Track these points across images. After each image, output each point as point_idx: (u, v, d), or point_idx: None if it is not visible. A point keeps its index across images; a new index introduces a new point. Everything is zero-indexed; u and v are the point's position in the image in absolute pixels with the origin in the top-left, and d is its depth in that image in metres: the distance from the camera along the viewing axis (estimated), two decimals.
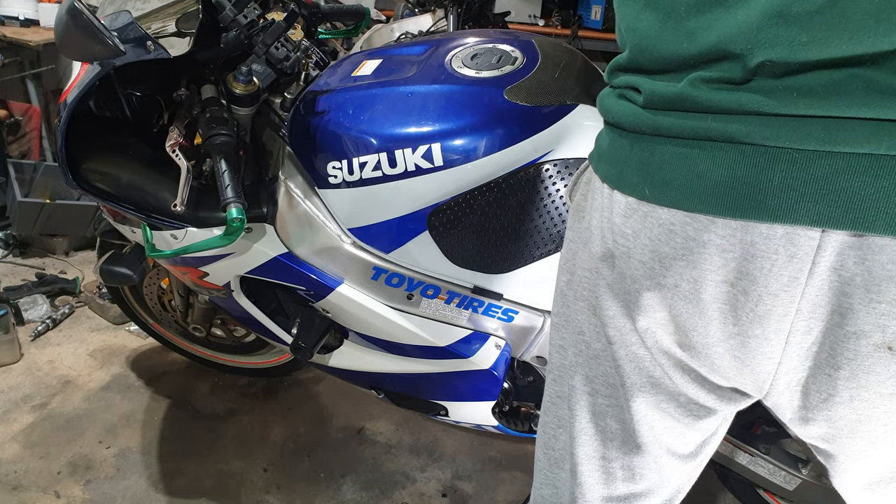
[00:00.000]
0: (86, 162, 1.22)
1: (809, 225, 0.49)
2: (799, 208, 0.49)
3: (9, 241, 2.58)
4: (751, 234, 0.51)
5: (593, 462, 0.75)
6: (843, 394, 0.55)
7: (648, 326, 0.62)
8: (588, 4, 3.77)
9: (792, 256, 0.51)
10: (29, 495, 1.54)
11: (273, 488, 1.62)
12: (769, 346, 0.56)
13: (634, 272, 0.60)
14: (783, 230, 0.50)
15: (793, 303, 0.52)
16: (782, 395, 0.59)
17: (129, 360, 2.04)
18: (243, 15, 1.06)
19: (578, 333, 0.71)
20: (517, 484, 1.69)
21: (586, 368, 0.71)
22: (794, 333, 0.54)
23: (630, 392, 0.68)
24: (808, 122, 0.48)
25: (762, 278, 0.52)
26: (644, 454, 0.71)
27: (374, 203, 1.13)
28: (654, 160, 0.56)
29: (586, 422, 0.73)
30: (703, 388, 0.65)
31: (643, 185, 0.57)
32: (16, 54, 2.69)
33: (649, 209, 0.57)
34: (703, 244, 0.54)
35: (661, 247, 0.57)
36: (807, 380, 0.56)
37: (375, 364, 1.36)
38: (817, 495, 1.27)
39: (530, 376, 1.35)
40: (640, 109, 0.57)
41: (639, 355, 0.65)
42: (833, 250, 0.49)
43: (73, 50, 0.99)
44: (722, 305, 0.56)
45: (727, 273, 0.54)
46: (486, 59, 1.14)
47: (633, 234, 0.59)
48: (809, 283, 0.51)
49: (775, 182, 0.49)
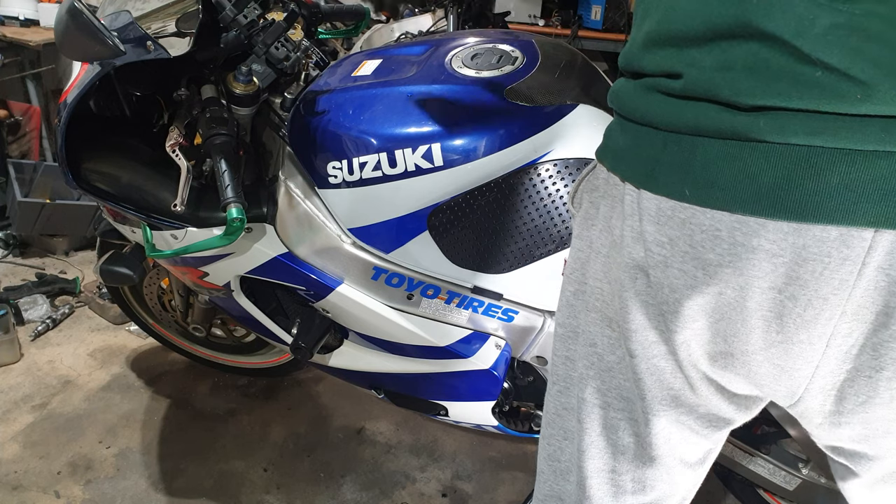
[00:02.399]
0: (86, 162, 1.22)
1: (865, 226, 0.48)
2: (857, 209, 0.48)
3: (9, 241, 2.58)
4: (803, 237, 0.50)
5: (602, 475, 0.73)
6: (884, 395, 0.54)
7: (686, 339, 0.60)
8: (588, 4, 3.77)
9: (845, 259, 0.50)
10: (29, 495, 1.54)
11: (273, 488, 1.62)
12: (812, 351, 0.55)
13: (674, 282, 0.57)
14: (837, 232, 0.49)
15: (840, 305, 0.52)
16: (815, 399, 0.58)
17: (129, 360, 2.04)
18: (243, 15, 1.06)
19: (590, 345, 0.70)
20: (517, 484, 1.69)
21: (598, 381, 0.70)
22: (835, 336, 0.53)
23: (650, 406, 0.66)
24: (867, 123, 0.47)
25: (813, 282, 0.51)
26: (657, 466, 0.70)
27: (374, 203, 1.13)
28: (695, 160, 0.53)
29: (597, 435, 0.72)
30: (724, 400, 0.64)
31: (682, 186, 0.54)
32: (16, 54, 2.69)
33: (688, 215, 0.54)
34: (751, 249, 0.52)
35: (705, 254, 0.54)
36: (843, 383, 0.56)
37: (375, 364, 1.36)
38: (817, 495, 1.27)
39: (530, 376, 1.35)
40: (679, 102, 0.54)
41: (661, 368, 0.63)
42: (883, 250, 0.49)
43: (73, 50, 0.99)
44: (766, 313, 0.54)
45: (775, 279, 0.52)
46: (486, 59, 1.14)
47: (669, 241, 0.56)
48: (857, 285, 0.50)
49: (834, 183, 0.48)
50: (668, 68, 0.55)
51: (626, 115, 0.61)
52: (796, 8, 0.47)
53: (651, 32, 0.56)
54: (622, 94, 0.61)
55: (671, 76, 0.54)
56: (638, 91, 0.59)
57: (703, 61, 0.52)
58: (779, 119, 0.49)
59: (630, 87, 0.60)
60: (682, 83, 0.53)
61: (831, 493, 1.24)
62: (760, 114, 0.50)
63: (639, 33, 0.58)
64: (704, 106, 0.53)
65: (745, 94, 0.50)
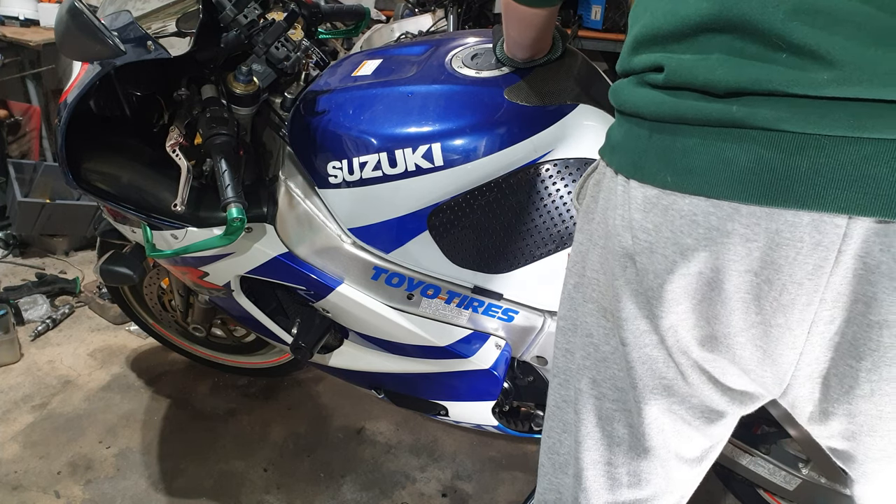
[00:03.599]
0: (86, 162, 1.22)
1: (836, 212, 0.48)
2: (826, 195, 0.48)
3: (9, 241, 2.58)
4: (776, 221, 0.51)
5: (598, 467, 0.74)
6: (864, 386, 0.54)
7: (671, 324, 0.61)
8: (588, 4, 3.76)
9: (817, 244, 0.50)
10: (29, 495, 1.54)
11: (273, 488, 1.62)
12: (792, 336, 0.55)
13: (657, 267, 0.59)
14: (809, 217, 0.50)
15: (817, 292, 0.52)
16: (803, 386, 0.58)
17: (129, 360, 2.04)
18: (243, 15, 1.06)
19: (587, 336, 0.71)
20: (517, 484, 1.69)
21: (594, 372, 0.71)
22: (816, 323, 0.54)
23: (641, 395, 0.67)
24: (836, 107, 0.47)
25: (787, 266, 0.52)
26: (651, 459, 0.71)
27: (375, 203, 1.13)
28: (676, 147, 0.55)
29: (592, 426, 0.72)
30: (716, 390, 0.65)
31: (665, 173, 0.56)
32: (16, 54, 2.69)
33: (670, 202, 0.56)
34: (726, 234, 0.53)
35: (684, 238, 0.56)
36: (828, 371, 0.56)
37: (375, 364, 1.36)
38: (817, 495, 1.27)
39: (530, 376, 1.35)
40: (662, 93, 0.56)
41: (652, 357, 0.64)
42: (859, 238, 0.49)
43: (73, 50, 0.99)
44: (745, 295, 0.55)
45: (751, 262, 0.53)
46: (487, 59, 1.14)
47: (654, 228, 0.58)
48: (834, 272, 0.51)
49: (803, 168, 0.49)
50: (652, 63, 0.57)
51: (620, 109, 0.63)
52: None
53: (637, 36, 0.59)
54: (618, 89, 0.64)
55: (655, 69, 0.57)
56: (629, 85, 0.61)
57: (684, 53, 0.54)
58: (750, 104, 0.50)
59: (624, 81, 0.63)
60: (664, 75, 0.55)
61: (831, 493, 1.24)
62: (734, 100, 0.51)
63: (628, 40, 0.61)
64: (684, 94, 0.55)
65: (720, 79, 0.51)
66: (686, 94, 0.54)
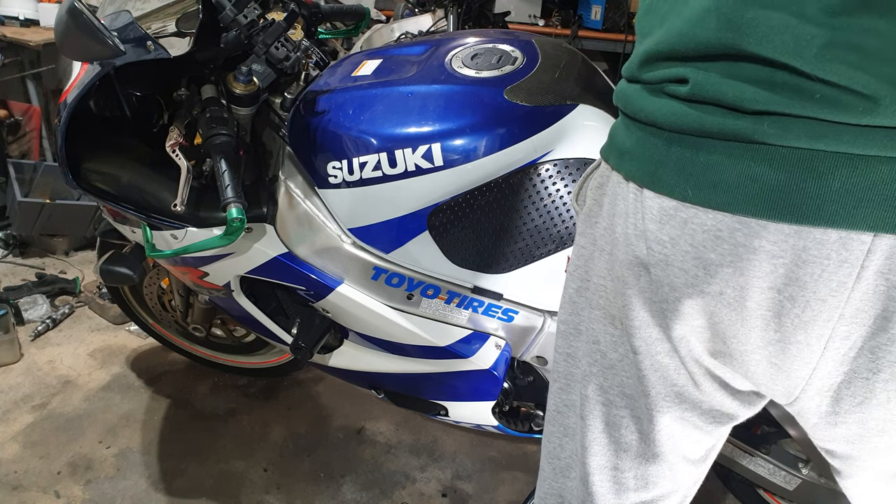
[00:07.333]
0: (86, 162, 1.22)
1: (864, 229, 0.48)
2: (857, 213, 0.48)
3: (9, 241, 2.58)
4: (804, 239, 0.50)
5: (605, 472, 0.74)
6: (880, 396, 0.55)
7: (684, 335, 0.60)
8: (588, 4, 3.76)
9: (843, 261, 0.50)
10: (29, 495, 1.54)
11: (273, 488, 1.62)
12: (809, 352, 0.55)
13: (674, 280, 0.58)
14: (837, 235, 0.49)
15: (838, 308, 0.52)
16: (811, 400, 0.58)
17: (129, 360, 2.04)
18: (243, 15, 1.06)
19: (593, 343, 0.70)
20: (517, 484, 1.69)
21: (601, 378, 0.70)
22: (833, 339, 0.54)
23: (654, 403, 0.66)
24: (870, 131, 0.47)
25: (811, 283, 0.52)
26: (660, 463, 0.71)
27: (375, 203, 1.13)
28: (698, 161, 0.54)
29: (599, 432, 0.72)
30: (728, 395, 0.64)
31: (685, 187, 0.54)
32: (16, 54, 2.69)
33: (690, 214, 0.55)
34: (752, 250, 0.52)
35: (707, 253, 0.55)
36: (839, 385, 0.56)
37: (375, 364, 1.36)
38: (817, 495, 1.27)
39: (530, 376, 1.35)
40: (685, 106, 0.55)
41: (664, 364, 0.64)
42: (882, 254, 0.49)
43: (73, 50, 0.99)
44: (765, 312, 0.55)
45: (775, 279, 0.53)
46: (486, 59, 1.14)
47: (670, 240, 0.57)
48: (856, 288, 0.51)
49: (835, 187, 0.48)
50: (673, 76, 0.55)
51: (631, 115, 0.61)
52: (792, 30, 0.47)
53: (651, 51, 0.57)
54: (629, 95, 0.61)
55: (678, 81, 0.55)
56: (644, 93, 0.59)
57: (709, 69, 0.53)
58: (782, 123, 0.49)
59: (637, 88, 0.61)
60: (688, 88, 0.54)
61: (831, 493, 1.24)
62: (764, 117, 0.50)
63: (638, 51, 0.59)
64: (709, 108, 0.53)
65: (749, 100, 0.50)
66: (712, 109, 0.53)
